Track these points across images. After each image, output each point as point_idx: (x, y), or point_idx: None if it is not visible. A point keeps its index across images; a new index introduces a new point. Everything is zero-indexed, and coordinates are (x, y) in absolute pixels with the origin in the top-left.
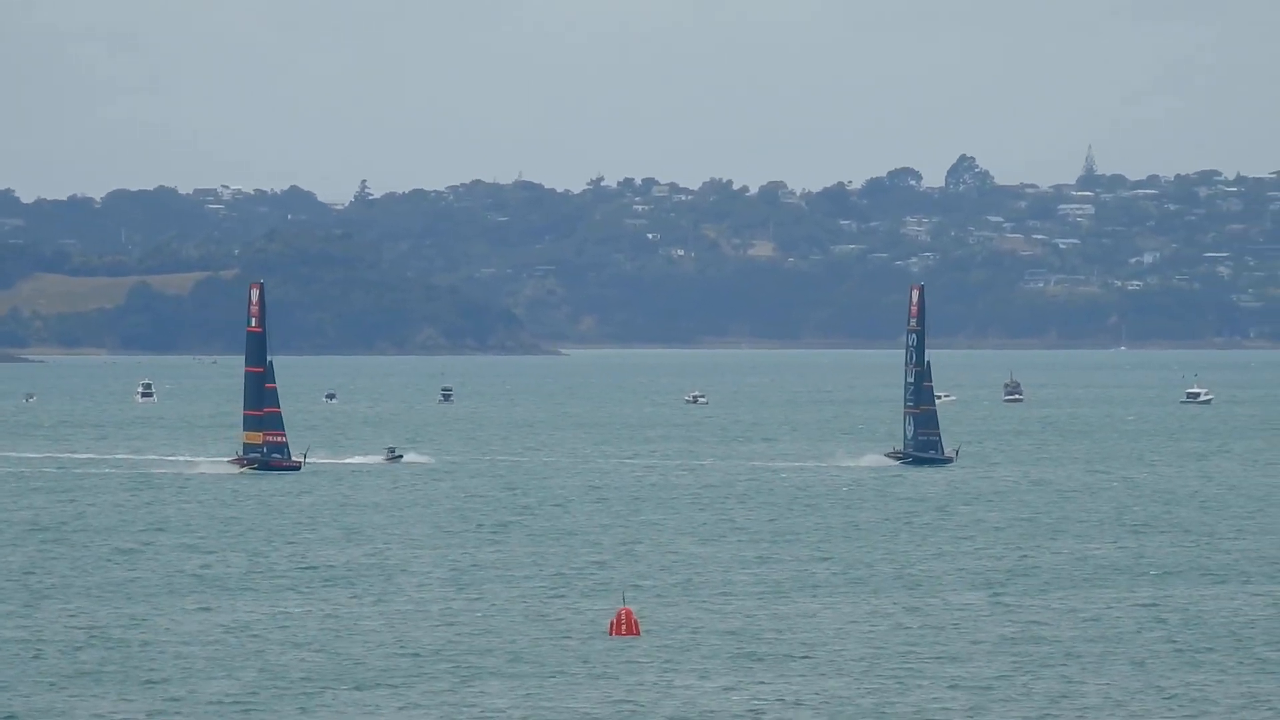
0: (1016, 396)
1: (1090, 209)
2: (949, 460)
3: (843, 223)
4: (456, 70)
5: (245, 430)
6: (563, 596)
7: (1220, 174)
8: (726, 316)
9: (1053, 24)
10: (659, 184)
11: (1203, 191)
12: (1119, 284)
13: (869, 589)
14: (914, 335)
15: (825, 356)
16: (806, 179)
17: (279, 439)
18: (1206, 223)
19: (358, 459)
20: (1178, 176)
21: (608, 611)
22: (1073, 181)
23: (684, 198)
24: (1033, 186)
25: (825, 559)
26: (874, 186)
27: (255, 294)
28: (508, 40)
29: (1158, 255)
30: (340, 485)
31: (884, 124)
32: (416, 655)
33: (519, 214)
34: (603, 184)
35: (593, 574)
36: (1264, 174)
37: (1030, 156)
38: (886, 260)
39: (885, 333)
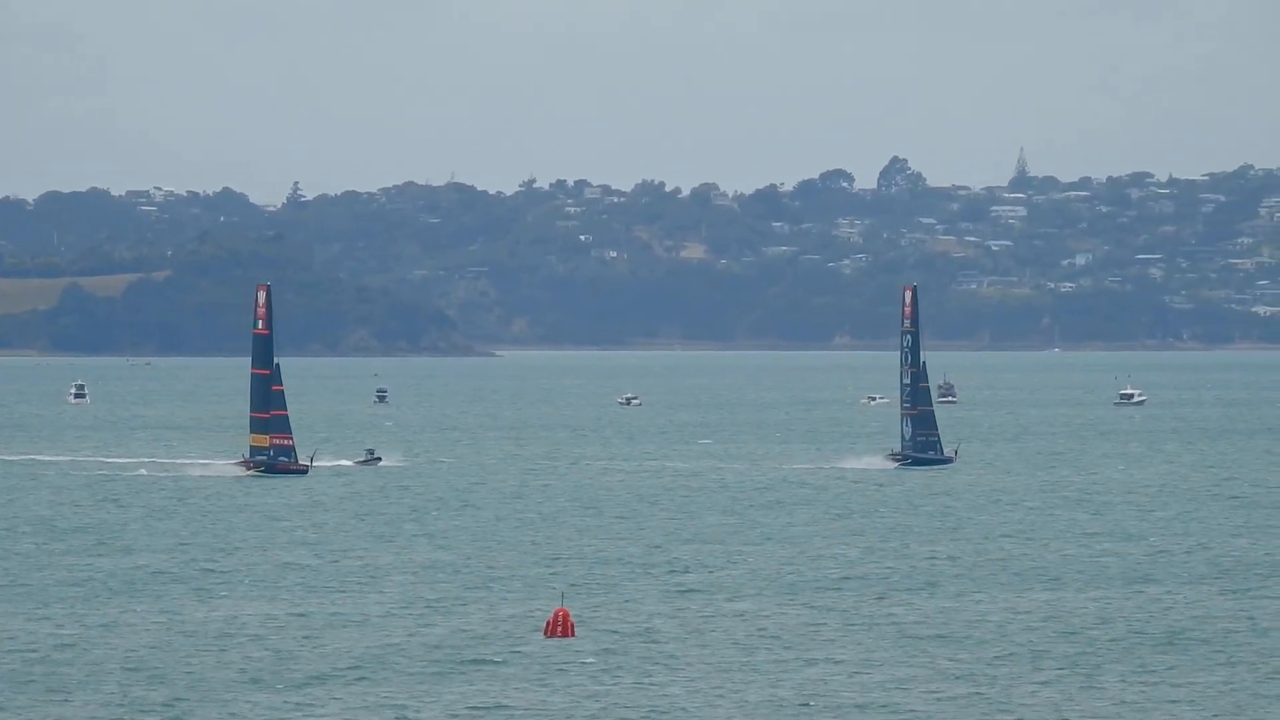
0: (950, 399)
1: (1023, 211)
2: (949, 460)
3: (775, 224)
4: (389, 72)
5: (251, 433)
6: (501, 597)
7: (1152, 176)
8: (658, 318)
9: (985, 26)
10: (591, 186)
11: (1135, 193)
12: (1051, 286)
13: (809, 591)
14: (909, 336)
15: (760, 358)
16: (738, 181)
17: (286, 442)
18: (1139, 225)
19: (332, 462)
20: (1110, 178)
21: (544, 612)
22: (1005, 184)
23: (616, 199)
24: (965, 188)
25: (768, 560)
26: (806, 188)
27: (262, 296)
28: (440, 42)
29: (1090, 257)
30: (291, 488)
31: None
32: (352, 657)
33: (451, 216)
34: (535, 186)
35: (530, 575)
36: (1196, 176)
37: (962, 158)
38: (819, 262)
39: (817, 334)
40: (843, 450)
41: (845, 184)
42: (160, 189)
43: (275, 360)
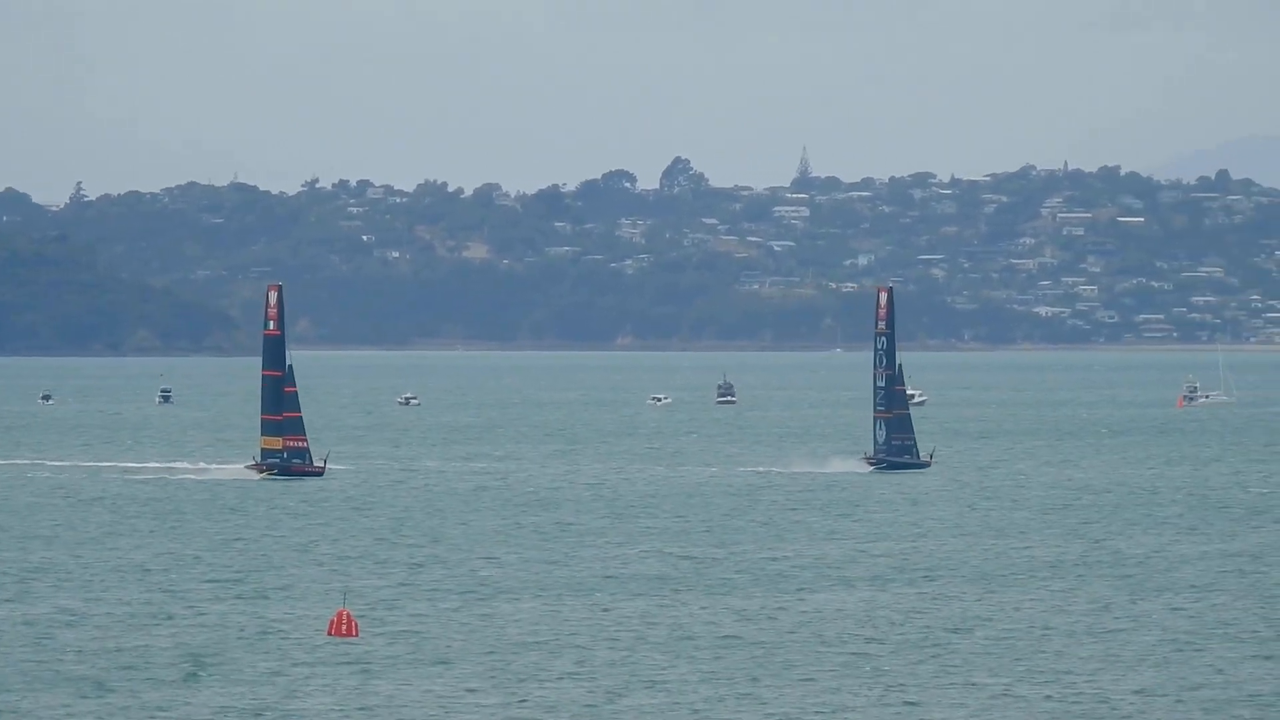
0: (729, 399)
1: (805, 211)
2: (925, 465)
3: (557, 225)
4: (170, 73)
5: (264, 435)
6: (284, 598)
7: (934, 176)
8: (441, 318)
9: (766, 27)
10: (374, 186)
11: (917, 194)
12: (833, 286)
13: (589, 592)
14: (883, 339)
15: (543, 358)
16: (521, 181)
17: (300, 444)
18: (921, 225)
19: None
20: (892, 179)
21: (328, 613)
22: (787, 184)
23: (398, 200)
24: (747, 189)
25: (554, 561)
26: (589, 189)
27: (274, 296)
28: (221, 43)
29: (872, 257)
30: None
31: (598, 126)
32: (132, 659)
33: (234, 216)
34: (318, 186)
35: (318, 576)
36: (978, 176)
37: (745, 159)
38: (601, 262)
39: (599, 334)
40: (615, 454)
41: (628, 184)
42: None
43: (289, 361)
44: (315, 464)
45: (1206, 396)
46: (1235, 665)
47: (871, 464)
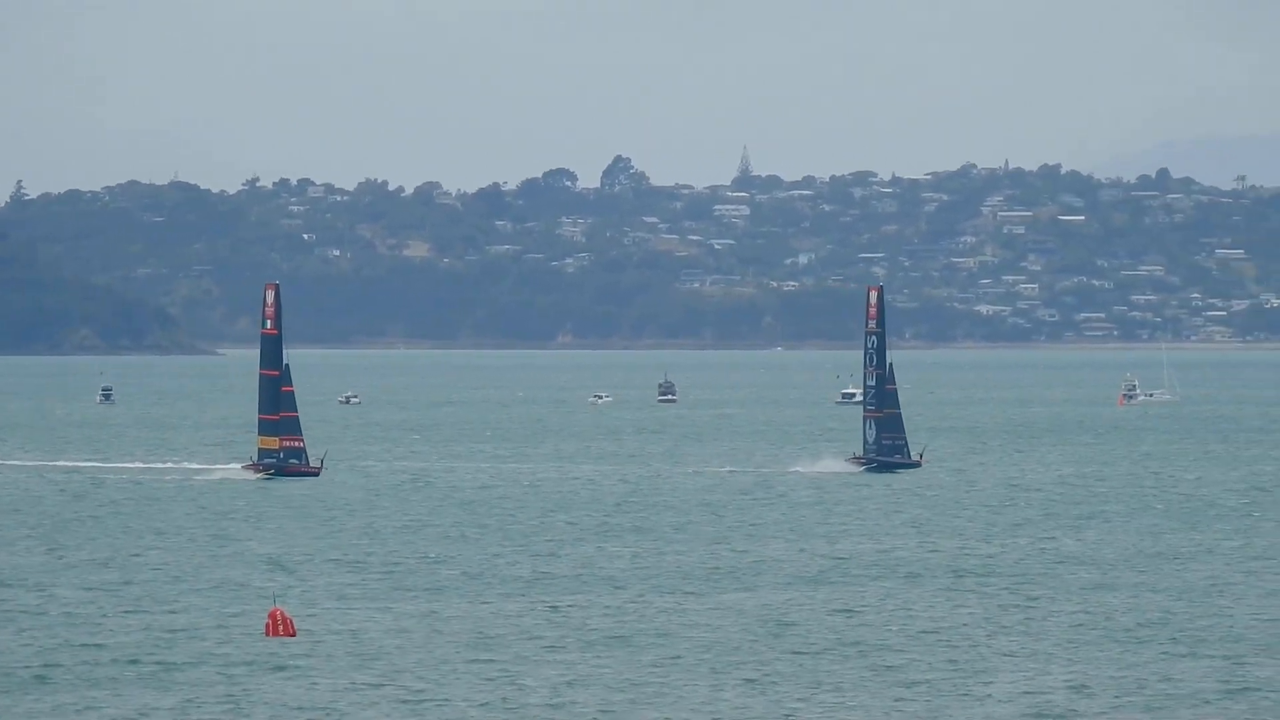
0: (670, 397)
1: (745, 210)
2: (916, 464)
3: (498, 223)
4: (111, 70)
5: (260, 435)
6: (223, 598)
7: (875, 174)
8: (382, 317)
9: (706, 27)
10: (314, 184)
11: (858, 192)
12: (774, 284)
13: (515, 589)
14: (874, 337)
15: (484, 357)
16: (461, 179)
17: (296, 444)
18: (861, 224)
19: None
20: (833, 177)
21: (263, 612)
22: (728, 183)
23: (339, 198)
24: (688, 187)
25: (494, 560)
26: (530, 187)
27: (270, 295)
28: (162, 41)
29: (813, 256)
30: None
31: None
32: (65, 659)
33: (175, 214)
34: (258, 185)
35: (257, 576)
36: (919, 175)
37: (685, 157)
38: (542, 260)
39: (540, 333)
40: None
41: (568, 183)
42: None
43: (285, 361)
44: (312, 464)
45: (1150, 395)
46: (1173, 662)
47: (861, 464)
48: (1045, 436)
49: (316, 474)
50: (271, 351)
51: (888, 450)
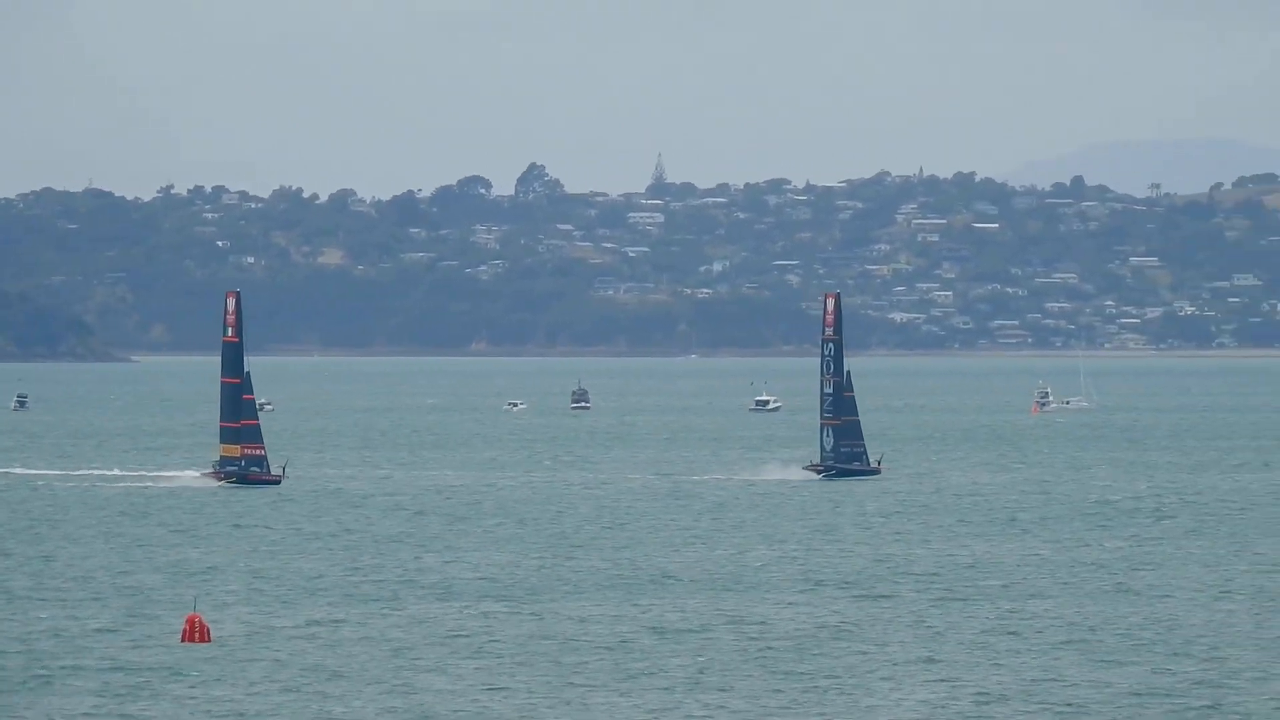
0: (584, 405)
1: (660, 217)
2: (875, 471)
3: (412, 231)
4: (23, 78)
5: (222, 443)
6: (139, 603)
7: (790, 182)
8: (297, 324)
9: (618, 33)
10: (229, 192)
11: (772, 200)
12: (689, 292)
13: (435, 600)
14: (831, 345)
15: (399, 364)
16: (376, 187)
17: (258, 452)
18: (776, 231)
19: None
20: (747, 185)
21: (180, 619)
22: (642, 190)
23: (254, 205)
24: (602, 195)
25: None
26: (444, 195)
27: (231, 303)
28: (74, 47)
29: (728, 264)
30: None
31: (454, 132)
32: None
33: (89, 222)
34: (173, 192)
35: (173, 582)
36: (833, 183)
37: (600, 165)
38: (456, 268)
39: (454, 340)
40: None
41: (483, 190)
42: None
43: (246, 369)
44: (273, 473)
45: (1067, 403)
46: (1086, 670)
47: (819, 471)
48: (961, 444)
49: (278, 482)
50: (232, 359)
51: (846, 457)
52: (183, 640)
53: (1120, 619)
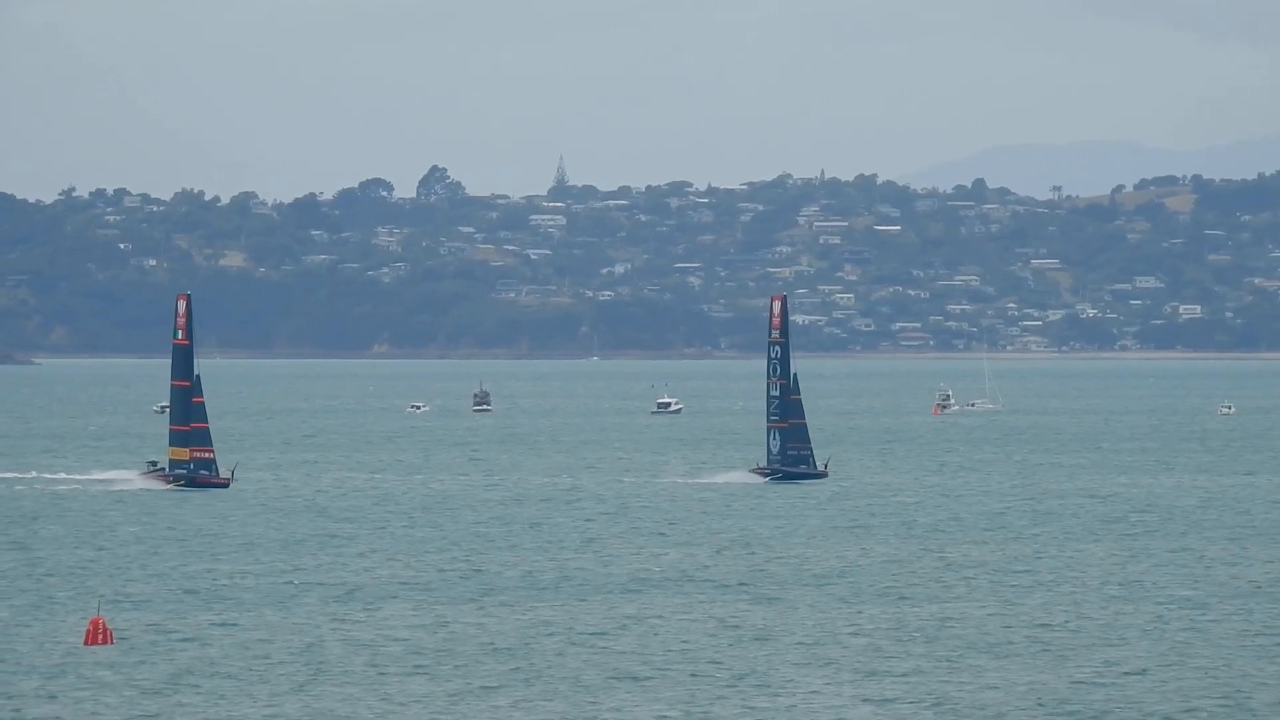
0: (485, 407)
1: (562, 220)
2: (823, 475)
3: (314, 233)
4: None
5: (171, 445)
6: (42, 605)
7: (691, 185)
8: (198, 326)
9: (523, 35)
10: (131, 195)
11: (674, 202)
12: (590, 294)
13: (340, 601)
14: (777, 347)
15: (298, 366)
16: (277, 190)
17: (207, 454)
18: (678, 234)
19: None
20: (649, 187)
21: (83, 621)
22: (544, 192)
23: (156, 208)
24: (504, 197)
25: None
26: (346, 197)
27: (182, 305)
28: None
29: (629, 266)
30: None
31: (355, 134)
32: None
33: None
34: (74, 194)
35: (77, 584)
36: (735, 185)
37: (502, 167)
38: (358, 270)
39: (356, 343)
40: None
41: (385, 193)
42: None
43: (196, 372)
44: (222, 476)
45: (972, 404)
46: (980, 673)
47: (765, 475)
48: (862, 446)
49: (226, 485)
50: (182, 361)
51: (793, 460)
52: (86, 643)
53: (1028, 622)
